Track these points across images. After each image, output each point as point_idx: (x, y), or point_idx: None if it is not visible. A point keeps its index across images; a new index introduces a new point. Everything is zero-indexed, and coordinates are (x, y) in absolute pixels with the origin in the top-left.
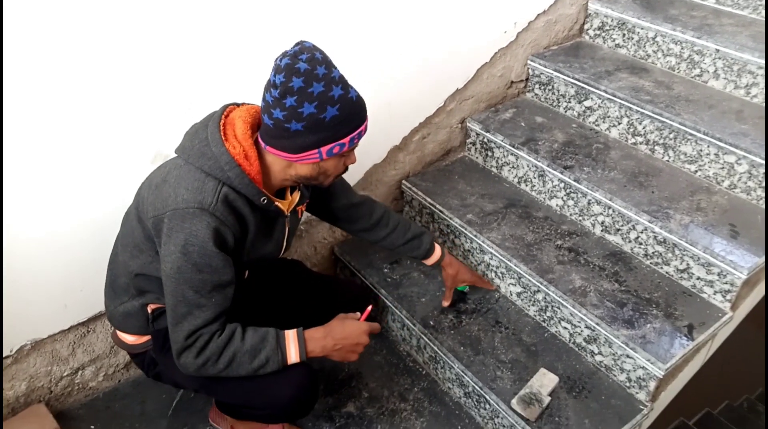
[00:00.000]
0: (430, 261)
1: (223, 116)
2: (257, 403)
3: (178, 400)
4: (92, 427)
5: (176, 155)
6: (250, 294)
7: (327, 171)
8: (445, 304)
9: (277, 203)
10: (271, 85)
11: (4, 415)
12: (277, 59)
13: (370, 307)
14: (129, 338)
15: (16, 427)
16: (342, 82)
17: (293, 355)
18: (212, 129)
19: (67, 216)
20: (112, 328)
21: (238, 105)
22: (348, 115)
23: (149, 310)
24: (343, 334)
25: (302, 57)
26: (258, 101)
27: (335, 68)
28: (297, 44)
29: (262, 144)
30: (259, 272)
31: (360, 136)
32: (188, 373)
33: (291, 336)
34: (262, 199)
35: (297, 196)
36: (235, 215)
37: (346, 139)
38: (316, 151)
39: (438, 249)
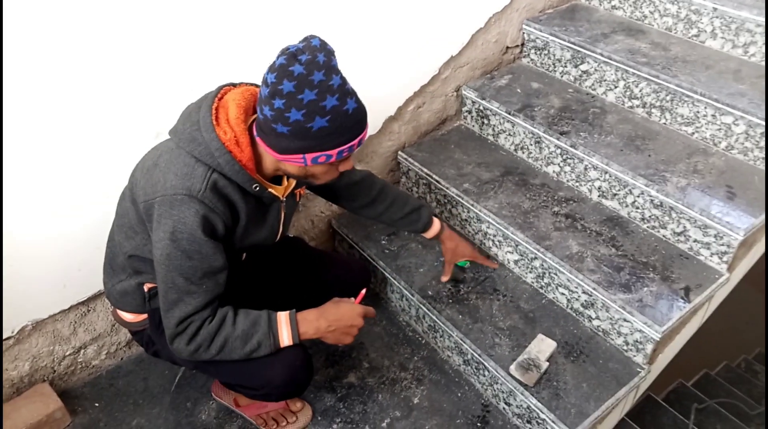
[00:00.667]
0: (429, 234)
1: (216, 99)
2: (252, 383)
3: (180, 376)
4: (96, 404)
5: (169, 137)
6: (248, 272)
7: (315, 175)
8: (444, 279)
9: (270, 190)
10: (263, 82)
11: (9, 395)
12: (279, 53)
13: (364, 291)
14: (127, 316)
15: (21, 407)
16: (340, 91)
17: (285, 338)
18: (204, 113)
19: (64, 196)
20: (112, 306)
21: (234, 85)
22: (338, 127)
23: (146, 289)
24: (337, 315)
25: (301, 58)
26: (256, 79)
27: (337, 75)
28: (303, 40)
29: (255, 133)
30: (257, 252)
31: (352, 149)
32: (182, 358)
33: (283, 318)
34: (254, 187)
35: (294, 180)
36: (226, 202)
37: (334, 152)
38: (300, 156)
39: (437, 222)
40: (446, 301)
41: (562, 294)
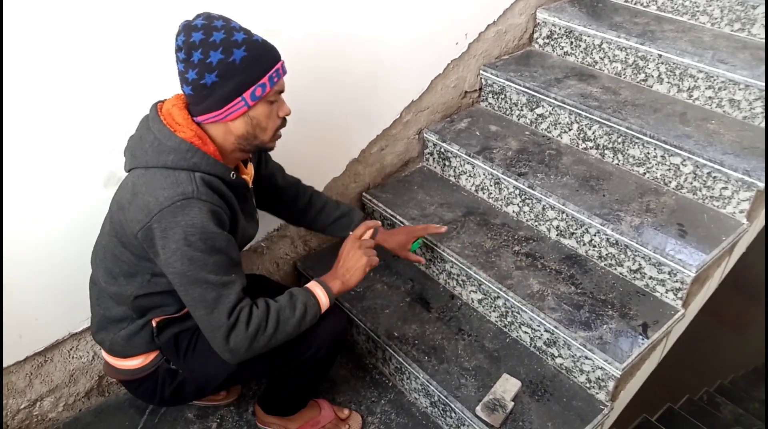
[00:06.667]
0: None
1: (158, 112)
2: (302, 347)
3: (141, 427)
4: None
5: (129, 171)
6: None
7: (261, 122)
8: (422, 261)
9: (244, 176)
10: (176, 51)
11: None
12: (178, 32)
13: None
14: (134, 363)
15: None
16: (243, 29)
17: (323, 299)
18: (158, 127)
19: (17, 244)
20: (108, 362)
21: (163, 101)
22: (258, 54)
23: (154, 324)
24: (346, 265)
25: (198, 17)
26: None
27: (234, 22)
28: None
29: (197, 119)
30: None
31: (279, 74)
32: (238, 356)
33: (312, 284)
34: (231, 174)
35: (251, 168)
36: (219, 196)
37: (265, 79)
38: (239, 98)
39: None
40: (412, 342)
41: (525, 332)
